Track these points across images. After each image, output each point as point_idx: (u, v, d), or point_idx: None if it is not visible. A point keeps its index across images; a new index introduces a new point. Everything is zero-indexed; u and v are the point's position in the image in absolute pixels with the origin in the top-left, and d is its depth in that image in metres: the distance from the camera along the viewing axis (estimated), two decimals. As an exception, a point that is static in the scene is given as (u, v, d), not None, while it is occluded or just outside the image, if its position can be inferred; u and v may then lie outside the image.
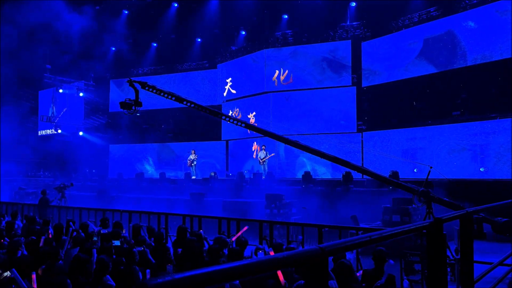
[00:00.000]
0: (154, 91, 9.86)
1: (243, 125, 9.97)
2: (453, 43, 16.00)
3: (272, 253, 5.47)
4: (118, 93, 25.81)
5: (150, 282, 1.01)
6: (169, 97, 9.84)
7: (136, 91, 9.97)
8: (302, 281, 3.94)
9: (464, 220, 3.11)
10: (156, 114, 24.40)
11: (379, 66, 18.21)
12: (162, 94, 9.81)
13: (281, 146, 18.61)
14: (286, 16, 20.73)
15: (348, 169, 11.60)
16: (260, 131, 10.10)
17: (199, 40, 23.95)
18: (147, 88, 9.83)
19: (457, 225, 3.33)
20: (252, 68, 21.36)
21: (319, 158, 9.29)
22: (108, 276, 4.66)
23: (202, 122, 21.97)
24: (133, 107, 9.96)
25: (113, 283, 4.65)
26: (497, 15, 14.74)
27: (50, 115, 26.31)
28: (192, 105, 9.84)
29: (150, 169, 24.31)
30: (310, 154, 9.80)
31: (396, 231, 2.04)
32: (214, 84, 23.41)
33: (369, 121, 18.58)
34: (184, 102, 9.85)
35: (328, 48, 19.50)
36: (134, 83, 9.88)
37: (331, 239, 7.24)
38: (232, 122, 9.83)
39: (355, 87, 18.83)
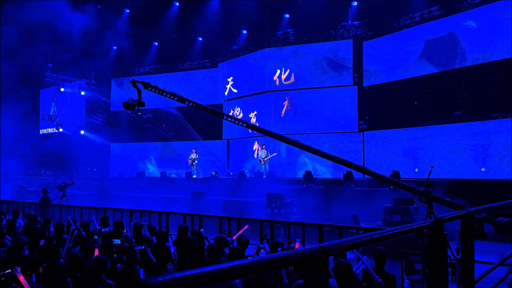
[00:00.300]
0: (157, 91, 9.90)
1: (244, 124, 9.98)
2: (455, 43, 15.97)
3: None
4: (120, 92, 25.85)
5: (150, 281, 1.01)
6: (171, 97, 9.88)
7: (139, 91, 10.00)
8: (301, 281, 3.94)
9: (465, 220, 3.10)
10: (157, 113, 24.44)
11: (380, 66, 18.18)
12: (164, 94, 9.84)
13: (283, 145, 18.60)
14: (287, 16, 20.71)
15: (349, 169, 11.60)
16: (261, 131, 10.10)
17: (200, 39, 23.95)
18: (149, 88, 9.87)
19: (458, 225, 3.33)
20: (253, 67, 21.35)
21: (320, 157, 9.29)
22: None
23: (203, 121, 21.98)
24: (136, 107, 10.00)
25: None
26: (498, 15, 14.70)
27: (51, 113, 26.35)
28: (194, 105, 9.86)
29: (151, 168, 24.33)
30: (312, 154, 9.80)
31: (396, 231, 2.04)
32: (215, 83, 23.41)
33: (370, 120, 18.57)
34: (186, 102, 9.88)
35: (329, 48, 19.47)
36: (136, 83, 9.91)
37: (332, 239, 7.24)
38: (233, 122, 9.84)
39: (356, 86, 18.80)
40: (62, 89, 25.48)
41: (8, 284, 4.40)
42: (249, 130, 13.12)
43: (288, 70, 20.17)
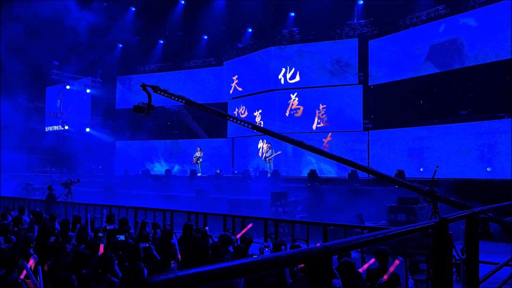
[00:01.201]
0: (166, 94, 9.98)
1: (250, 126, 9.98)
2: (461, 42, 15.87)
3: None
4: (125, 90, 25.94)
5: (153, 279, 1.01)
6: (180, 100, 9.95)
7: (149, 95, 10.10)
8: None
9: (470, 220, 3.09)
10: (162, 111, 24.48)
11: (386, 65, 18.10)
12: (173, 97, 9.91)
13: (288, 144, 18.57)
14: (293, 14, 20.66)
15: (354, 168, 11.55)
16: (267, 132, 10.09)
17: (206, 37, 23.95)
18: (159, 92, 9.97)
19: (463, 225, 3.31)
20: (258, 65, 21.33)
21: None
22: (116, 267, 4.69)
23: (208, 120, 22.00)
24: (146, 111, 10.10)
25: (119, 274, 4.68)
26: (505, 14, 14.59)
27: (57, 111, 26.47)
28: (201, 108, 9.90)
29: (157, 166, 24.39)
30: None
31: (401, 231, 2.03)
32: (220, 81, 23.41)
33: (375, 119, 18.50)
34: (194, 105, 9.93)
35: (335, 46, 19.40)
36: (146, 87, 10.01)
37: (336, 238, 7.23)
38: (240, 124, 9.85)
39: (362, 85, 18.73)
40: (67, 87, 25.58)
41: (11, 278, 4.43)
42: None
43: (293, 69, 20.13)
